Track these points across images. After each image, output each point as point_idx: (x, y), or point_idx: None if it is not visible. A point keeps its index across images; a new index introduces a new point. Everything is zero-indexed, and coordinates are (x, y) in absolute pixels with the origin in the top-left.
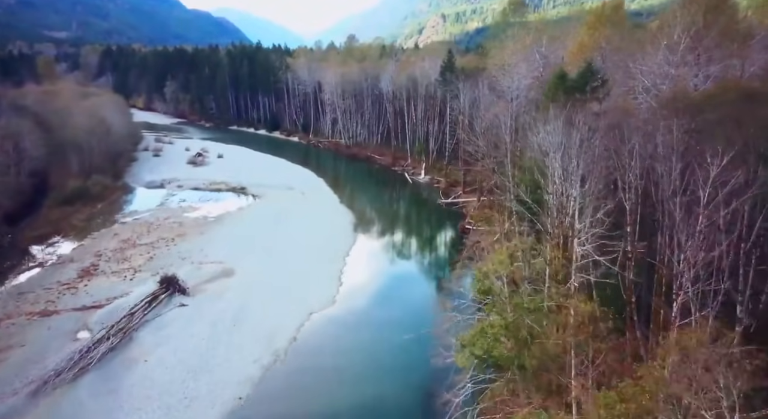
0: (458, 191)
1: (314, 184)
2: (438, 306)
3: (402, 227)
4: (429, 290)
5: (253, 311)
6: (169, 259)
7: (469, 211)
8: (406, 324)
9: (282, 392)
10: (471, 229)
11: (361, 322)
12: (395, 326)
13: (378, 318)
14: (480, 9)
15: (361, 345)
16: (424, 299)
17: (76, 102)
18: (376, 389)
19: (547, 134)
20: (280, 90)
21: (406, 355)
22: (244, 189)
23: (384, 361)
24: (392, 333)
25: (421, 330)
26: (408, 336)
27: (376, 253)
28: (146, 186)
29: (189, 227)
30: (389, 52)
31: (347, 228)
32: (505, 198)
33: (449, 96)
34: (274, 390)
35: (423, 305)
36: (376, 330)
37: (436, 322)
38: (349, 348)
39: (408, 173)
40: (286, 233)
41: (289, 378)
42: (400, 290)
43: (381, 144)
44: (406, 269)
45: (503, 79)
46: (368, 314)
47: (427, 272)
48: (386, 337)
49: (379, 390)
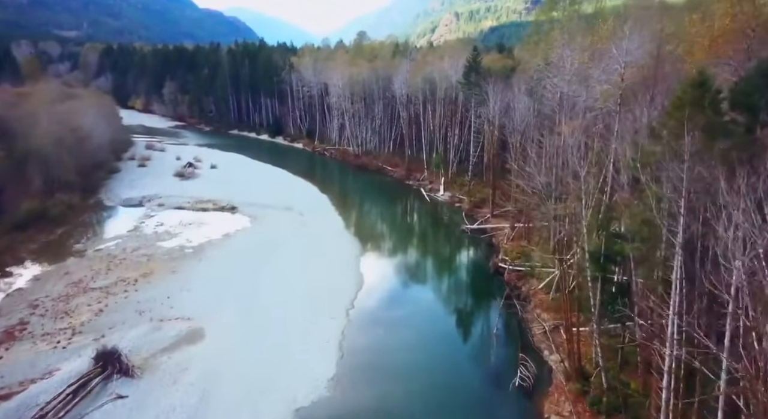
0: (485, 214)
1: (317, 202)
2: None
3: (419, 263)
4: (462, 372)
5: (218, 406)
6: (123, 313)
7: (500, 241)
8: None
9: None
10: (507, 268)
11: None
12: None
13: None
14: (494, 7)
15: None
16: (455, 386)
17: (50, 106)
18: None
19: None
20: (284, 92)
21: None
22: (235, 209)
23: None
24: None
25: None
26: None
27: (387, 303)
28: (123, 204)
29: (159, 262)
30: (403, 50)
31: (352, 265)
32: (575, 252)
33: (474, 101)
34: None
35: (454, 396)
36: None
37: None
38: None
39: (424, 189)
40: (276, 273)
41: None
42: (418, 368)
43: (393, 153)
44: (425, 333)
45: (564, 83)
46: (376, 410)
47: (455, 339)
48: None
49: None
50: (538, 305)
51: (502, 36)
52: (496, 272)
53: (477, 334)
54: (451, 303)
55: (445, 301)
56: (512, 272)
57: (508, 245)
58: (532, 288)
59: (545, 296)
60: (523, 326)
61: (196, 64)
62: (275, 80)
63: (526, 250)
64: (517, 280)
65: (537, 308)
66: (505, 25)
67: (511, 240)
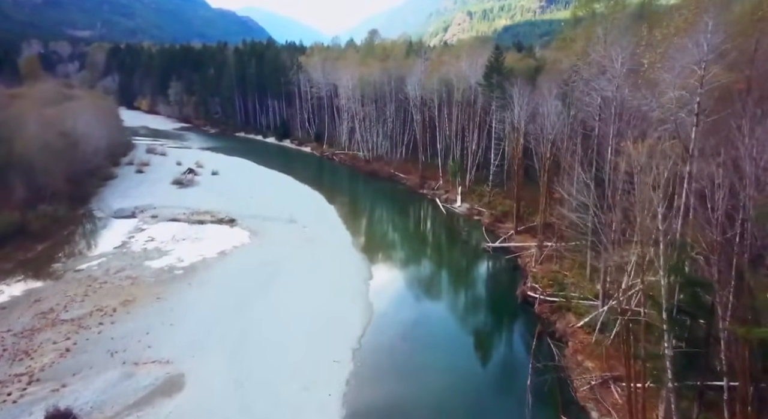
0: (508, 230)
1: (323, 214)
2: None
3: (435, 290)
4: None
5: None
6: (93, 354)
7: (527, 263)
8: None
9: None
10: (538, 298)
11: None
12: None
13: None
14: (508, 6)
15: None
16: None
17: (41, 108)
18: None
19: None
20: (292, 93)
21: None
22: (234, 222)
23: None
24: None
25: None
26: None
27: (399, 341)
28: (114, 215)
29: (144, 286)
30: (417, 49)
31: (360, 291)
32: (646, 311)
33: (495, 104)
34: None
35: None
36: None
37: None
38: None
39: (440, 199)
40: (273, 302)
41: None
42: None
43: (406, 159)
44: (444, 382)
45: (614, 87)
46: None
47: (481, 394)
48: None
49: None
50: (579, 350)
51: (516, 35)
52: (525, 302)
53: (507, 387)
54: (475, 344)
55: (467, 340)
56: (544, 302)
57: (537, 269)
58: (570, 325)
59: (587, 336)
60: (563, 376)
61: (203, 64)
62: (283, 81)
63: (559, 277)
64: (551, 313)
65: (578, 353)
66: (519, 24)
67: (539, 263)
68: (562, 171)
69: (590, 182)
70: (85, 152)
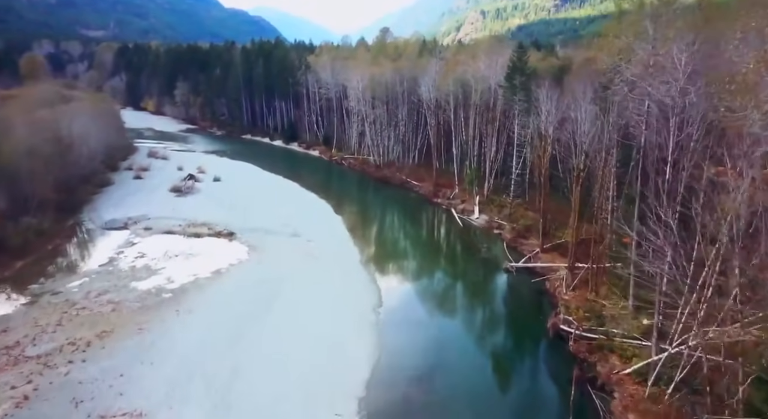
0: (533, 247)
1: (329, 225)
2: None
3: (453, 320)
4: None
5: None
6: (54, 403)
7: (556, 287)
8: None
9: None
10: (573, 333)
11: None
12: None
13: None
14: (522, 5)
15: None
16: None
17: (33, 111)
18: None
19: None
20: (300, 94)
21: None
22: (232, 235)
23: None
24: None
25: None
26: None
27: (414, 386)
28: (105, 227)
29: (126, 313)
30: (431, 49)
31: (368, 320)
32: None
33: (518, 108)
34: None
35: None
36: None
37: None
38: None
39: (455, 210)
40: (268, 335)
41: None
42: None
43: (419, 165)
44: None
45: (675, 92)
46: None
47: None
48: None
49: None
50: (629, 406)
51: (530, 34)
52: (557, 336)
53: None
54: (502, 395)
55: (492, 389)
56: (581, 339)
57: (568, 297)
58: (615, 372)
59: (637, 387)
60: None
61: (209, 64)
62: (290, 81)
63: (596, 308)
64: (589, 353)
65: (628, 410)
66: (533, 23)
67: (571, 288)
68: (600, 187)
69: (672, 220)
70: (80, 157)
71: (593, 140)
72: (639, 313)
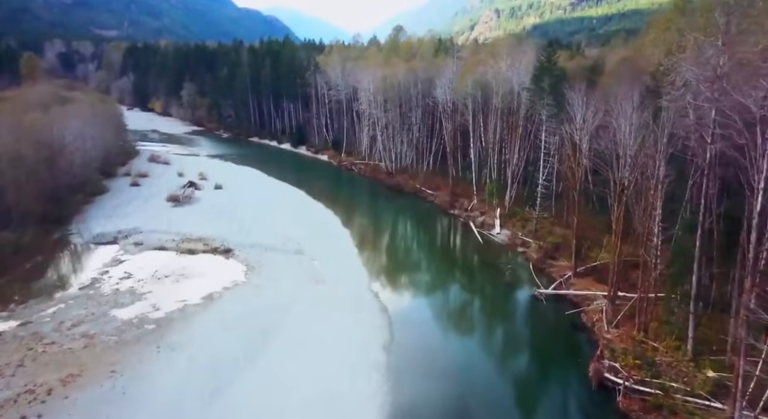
0: (564, 270)
1: (336, 241)
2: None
3: (474, 362)
4: None
5: None
6: None
7: (595, 322)
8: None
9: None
10: (622, 385)
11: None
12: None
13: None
14: (537, 3)
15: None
16: None
17: (22, 114)
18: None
19: None
20: (309, 96)
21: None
22: (230, 252)
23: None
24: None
25: None
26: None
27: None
28: (93, 241)
29: (100, 351)
30: (447, 48)
31: (376, 363)
32: None
33: (545, 113)
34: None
35: None
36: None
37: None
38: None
39: (474, 223)
40: (260, 382)
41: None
42: None
43: (434, 172)
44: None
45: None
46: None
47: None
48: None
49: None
50: None
51: (545, 33)
52: (601, 385)
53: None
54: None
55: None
56: (631, 392)
57: (611, 335)
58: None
59: None
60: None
61: (216, 64)
62: (299, 82)
63: (647, 352)
64: (644, 413)
65: None
66: (549, 23)
67: (614, 325)
68: (645, 206)
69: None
70: (72, 163)
71: (638, 152)
72: (700, 359)
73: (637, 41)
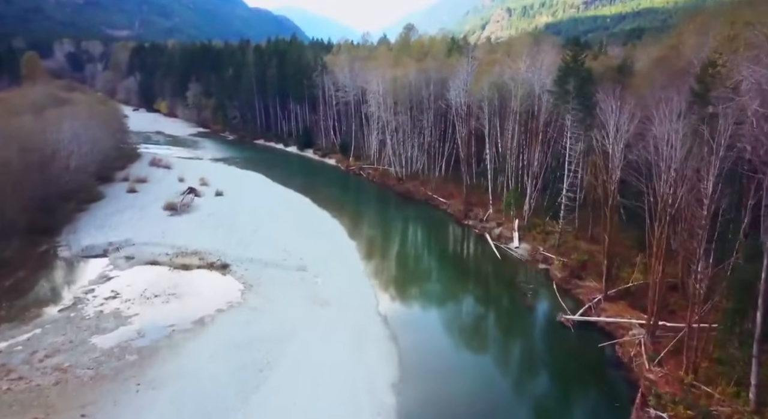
0: (592, 292)
1: (342, 255)
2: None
3: (495, 405)
4: None
5: None
6: None
7: (633, 355)
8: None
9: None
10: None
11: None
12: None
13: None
14: (549, 2)
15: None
16: None
17: (13, 117)
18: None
19: None
20: (316, 97)
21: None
22: (226, 268)
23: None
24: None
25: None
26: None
27: None
28: (81, 254)
29: (71, 389)
30: (461, 47)
31: (383, 407)
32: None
33: (571, 118)
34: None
35: None
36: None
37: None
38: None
39: (490, 235)
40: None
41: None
42: None
43: (446, 178)
44: None
45: None
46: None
47: None
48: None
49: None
50: None
51: (558, 33)
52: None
53: None
54: None
55: None
56: None
57: (654, 375)
58: None
59: None
60: None
61: (221, 64)
62: (306, 83)
63: (700, 400)
64: None
65: None
66: (562, 22)
67: (656, 363)
68: (692, 229)
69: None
70: (65, 169)
71: (684, 165)
72: (766, 410)
73: (672, 39)
